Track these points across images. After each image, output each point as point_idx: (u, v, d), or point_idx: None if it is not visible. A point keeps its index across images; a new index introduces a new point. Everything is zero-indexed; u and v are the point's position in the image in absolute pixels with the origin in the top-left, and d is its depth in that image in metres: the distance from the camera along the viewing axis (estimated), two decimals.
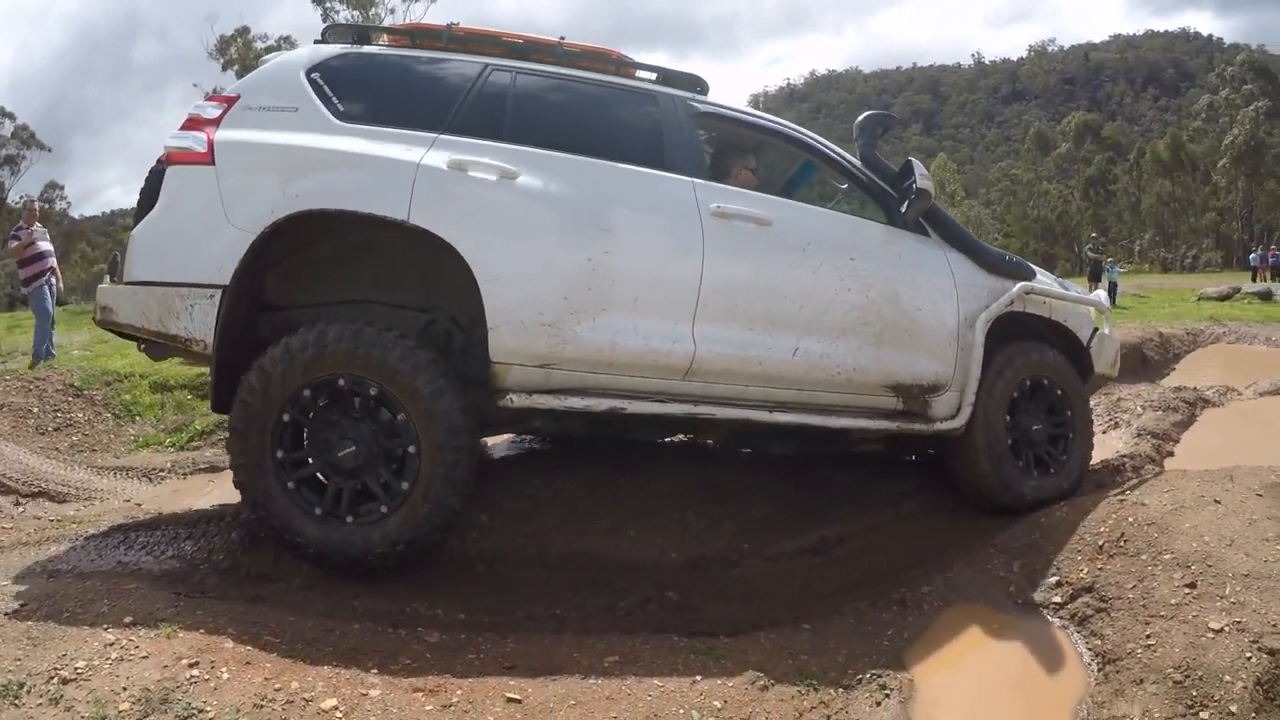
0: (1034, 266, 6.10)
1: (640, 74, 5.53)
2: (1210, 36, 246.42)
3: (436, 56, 5.16)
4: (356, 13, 48.26)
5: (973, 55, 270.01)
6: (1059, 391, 5.91)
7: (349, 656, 3.65)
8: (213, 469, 7.41)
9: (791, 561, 5.40)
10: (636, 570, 5.06)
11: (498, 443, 6.76)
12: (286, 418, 4.47)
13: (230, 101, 4.77)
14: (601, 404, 4.76)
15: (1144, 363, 12.40)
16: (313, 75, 4.86)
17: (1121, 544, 4.53)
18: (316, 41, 5.19)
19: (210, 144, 4.58)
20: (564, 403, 4.72)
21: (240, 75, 49.82)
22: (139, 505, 6.36)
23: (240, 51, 49.33)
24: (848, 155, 5.77)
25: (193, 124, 4.69)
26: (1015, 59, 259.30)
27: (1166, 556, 4.31)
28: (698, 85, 5.55)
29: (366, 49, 5.17)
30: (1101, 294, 7.17)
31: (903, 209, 5.52)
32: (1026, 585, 4.61)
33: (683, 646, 4.03)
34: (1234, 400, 10.31)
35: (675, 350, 4.84)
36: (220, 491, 6.42)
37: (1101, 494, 5.36)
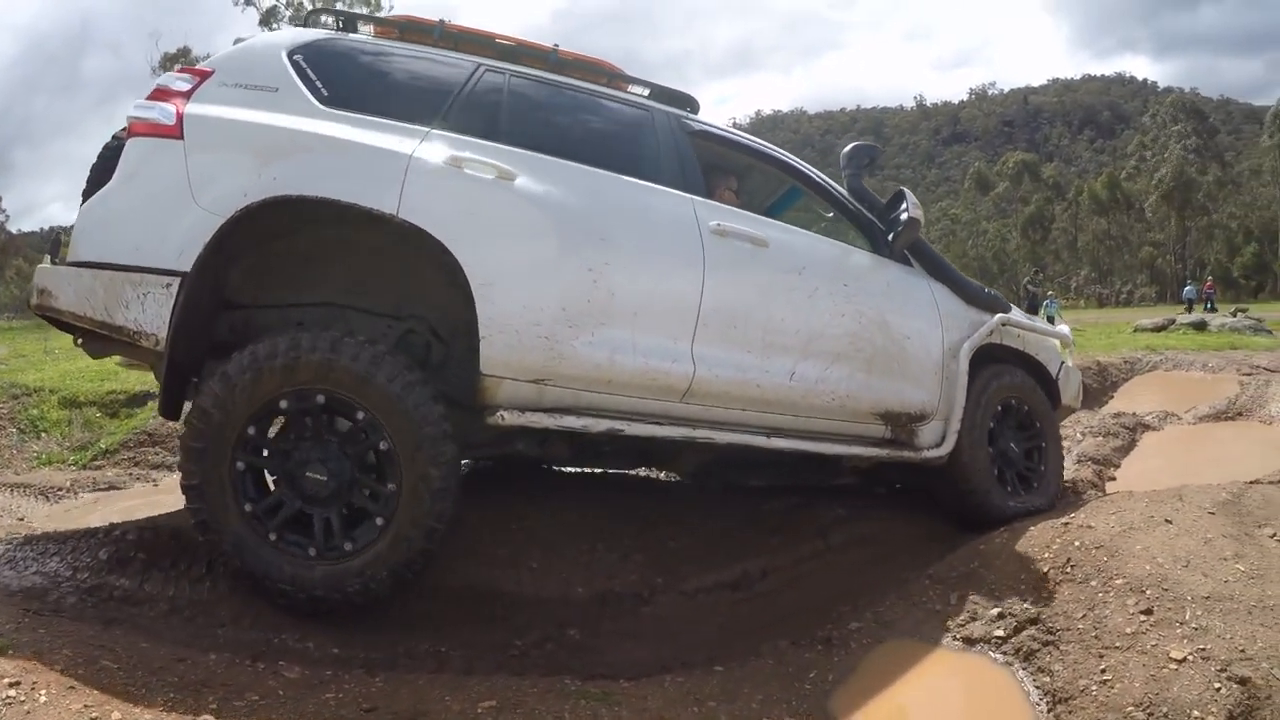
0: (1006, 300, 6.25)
1: (632, 88, 5.40)
2: (1145, 80, 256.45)
3: (426, 52, 4.87)
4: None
5: (915, 98, 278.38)
6: (1035, 420, 6.13)
7: (191, 690, 3.26)
8: (112, 488, 7.11)
9: (710, 597, 5.07)
10: (538, 605, 4.71)
11: None
12: (251, 431, 4.00)
13: (203, 75, 4.33)
14: (600, 424, 4.50)
15: (1083, 391, 12.27)
16: (295, 57, 4.49)
17: (1068, 570, 4.25)
18: (303, 23, 4.96)
19: (179, 116, 4.13)
20: (559, 422, 4.41)
21: None
22: (26, 523, 6.08)
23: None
24: (835, 183, 5.82)
25: (160, 95, 4.25)
26: (957, 102, 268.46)
27: (1118, 581, 4.03)
28: (689, 104, 5.52)
29: (353, 36, 4.87)
30: (1065, 328, 7.33)
31: (891, 238, 5.55)
32: (966, 619, 4.25)
33: (574, 691, 3.64)
34: (1174, 424, 10.35)
35: (674, 370, 4.62)
36: (109, 511, 6.11)
37: (1044, 518, 5.06)
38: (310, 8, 48.92)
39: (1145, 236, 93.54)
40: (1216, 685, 3.29)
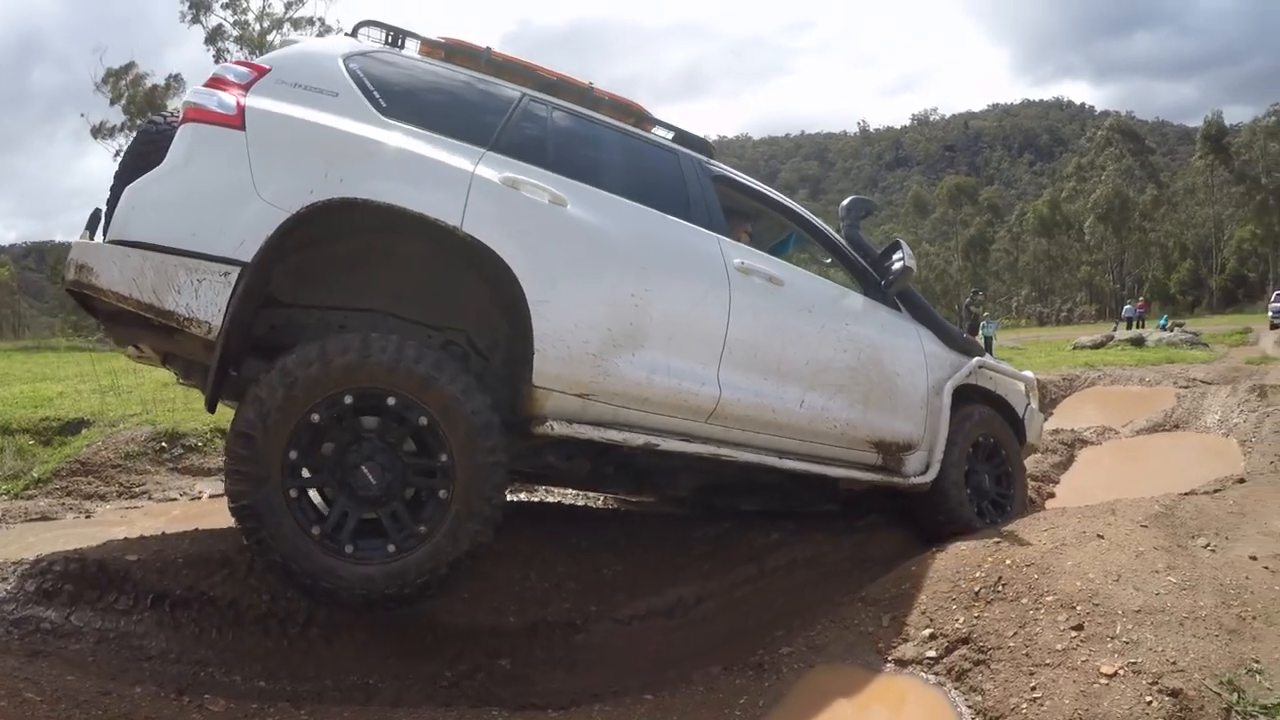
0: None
1: (657, 130, 5.68)
2: (1083, 105, 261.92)
3: (472, 75, 4.98)
4: (251, 55, 48.55)
5: (859, 123, 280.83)
6: (1004, 453, 6.69)
7: None
8: (44, 518, 6.87)
9: (644, 624, 4.98)
10: (469, 635, 4.59)
11: None
12: (316, 418, 3.97)
13: (260, 70, 4.31)
14: (638, 439, 4.72)
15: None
16: (350, 65, 4.53)
17: (999, 588, 4.22)
18: (347, 35, 4.98)
19: (240, 107, 4.09)
20: (604, 434, 4.60)
21: (130, 110, 49.82)
22: None
23: (130, 87, 49.18)
24: (832, 231, 6.28)
25: (217, 84, 4.21)
26: (899, 127, 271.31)
27: (1049, 598, 4.01)
28: (707, 149, 5.80)
29: (403, 53, 4.93)
30: (1029, 374, 7.57)
31: (885, 284, 6.06)
32: (897, 640, 4.19)
33: None
34: (1111, 439, 10.40)
35: (703, 392, 4.90)
36: (39, 542, 5.79)
37: (977, 537, 5.04)
38: (259, 29, 49.05)
39: (1084, 256, 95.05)
40: (1148, 699, 3.25)
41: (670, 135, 5.69)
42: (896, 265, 6.03)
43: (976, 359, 6.48)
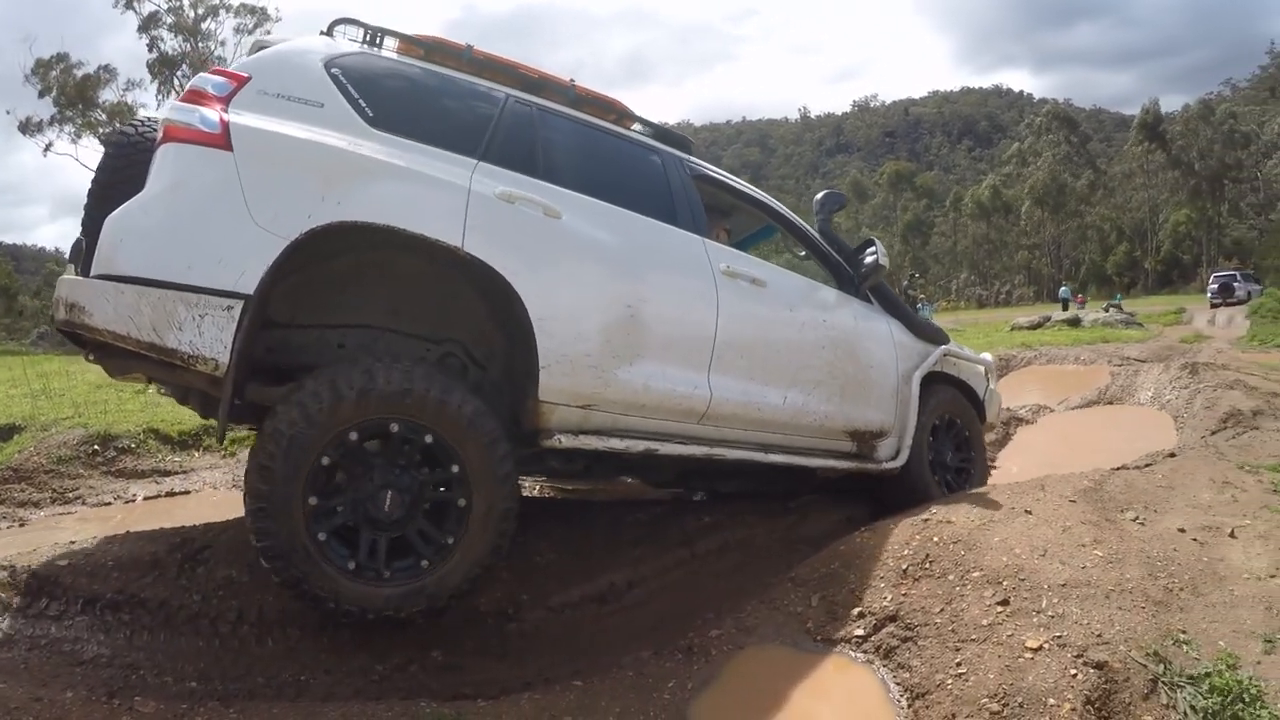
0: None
1: (635, 127, 5.66)
2: (1022, 92, 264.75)
3: (456, 76, 4.83)
4: (186, 43, 47.80)
5: (800, 110, 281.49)
6: (967, 433, 7.01)
7: None
8: None
9: (576, 611, 4.93)
10: (403, 628, 4.43)
11: None
12: (326, 461, 3.89)
13: (239, 80, 4.09)
14: (638, 446, 4.82)
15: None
16: (333, 70, 4.34)
17: (926, 565, 4.24)
18: (323, 33, 4.69)
19: (224, 125, 3.88)
20: (606, 443, 4.69)
21: (60, 103, 48.85)
22: None
23: (61, 77, 48.19)
24: (808, 226, 6.39)
25: (196, 98, 3.98)
26: (840, 113, 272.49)
27: (975, 574, 4.03)
28: (687, 145, 5.83)
29: (384, 53, 4.74)
30: (988, 356, 7.86)
31: (858, 278, 6.24)
32: (826, 619, 4.19)
33: (429, 713, 3.51)
34: (1046, 416, 10.47)
35: (695, 395, 5.00)
36: None
37: (906, 516, 5.03)
38: (193, 16, 48.25)
39: (1022, 240, 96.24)
40: (1073, 672, 3.27)
41: (650, 132, 5.70)
42: (869, 260, 6.22)
43: (942, 348, 6.72)
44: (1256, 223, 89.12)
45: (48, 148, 50.12)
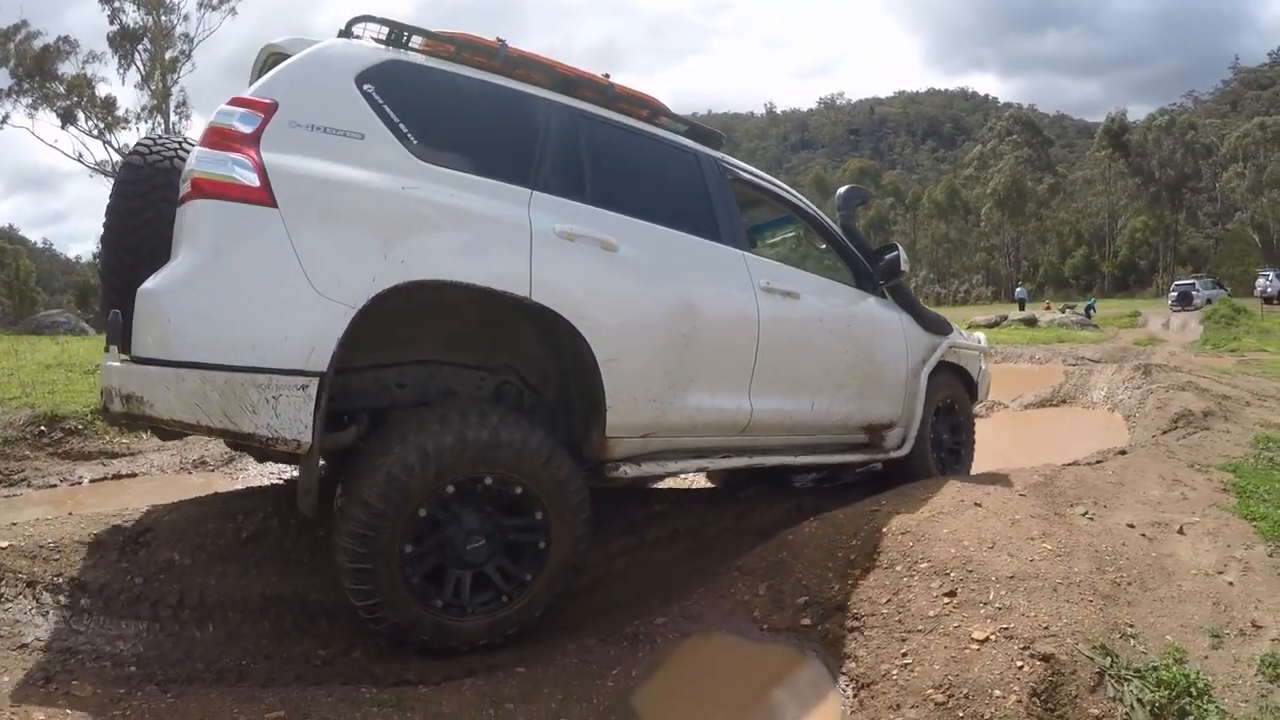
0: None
1: (669, 122, 5.45)
2: (987, 96, 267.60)
3: (491, 81, 4.49)
4: (149, 16, 47.35)
5: (766, 104, 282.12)
6: (961, 414, 7.29)
7: None
8: None
9: None
10: (346, 613, 4.40)
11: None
12: (423, 513, 3.87)
13: (266, 111, 3.71)
14: (693, 465, 5.01)
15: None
16: (366, 88, 3.99)
17: (874, 556, 4.22)
18: (341, 33, 4.32)
19: (263, 175, 3.55)
20: (665, 468, 4.84)
21: (18, 74, 48.31)
22: None
23: (19, 48, 47.77)
24: (833, 224, 6.42)
25: (221, 140, 3.62)
26: (806, 109, 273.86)
27: (923, 565, 4.01)
28: (720, 141, 5.75)
29: (412, 58, 4.31)
30: (981, 336, 8.24)
31: (877, 275, 6.36)
32: (773, 609, 4.15)
33: (369, 698, 3.45)
34: (1000, 413, 10.52)
35: (739, 411, 5.08)
36: None
37: (854, 506, 5.01)
38: None
39: (981, 241, 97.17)
40: (1019, 664, 3.25)
41: (683, 130, 5.49)
42: (890, 259, 6.36)
43: (947, 341, 6.90)
44: (1213, 232, 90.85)
45: (3, 120, 49.56)
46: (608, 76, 5.04)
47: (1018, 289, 63.32)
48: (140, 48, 53.40)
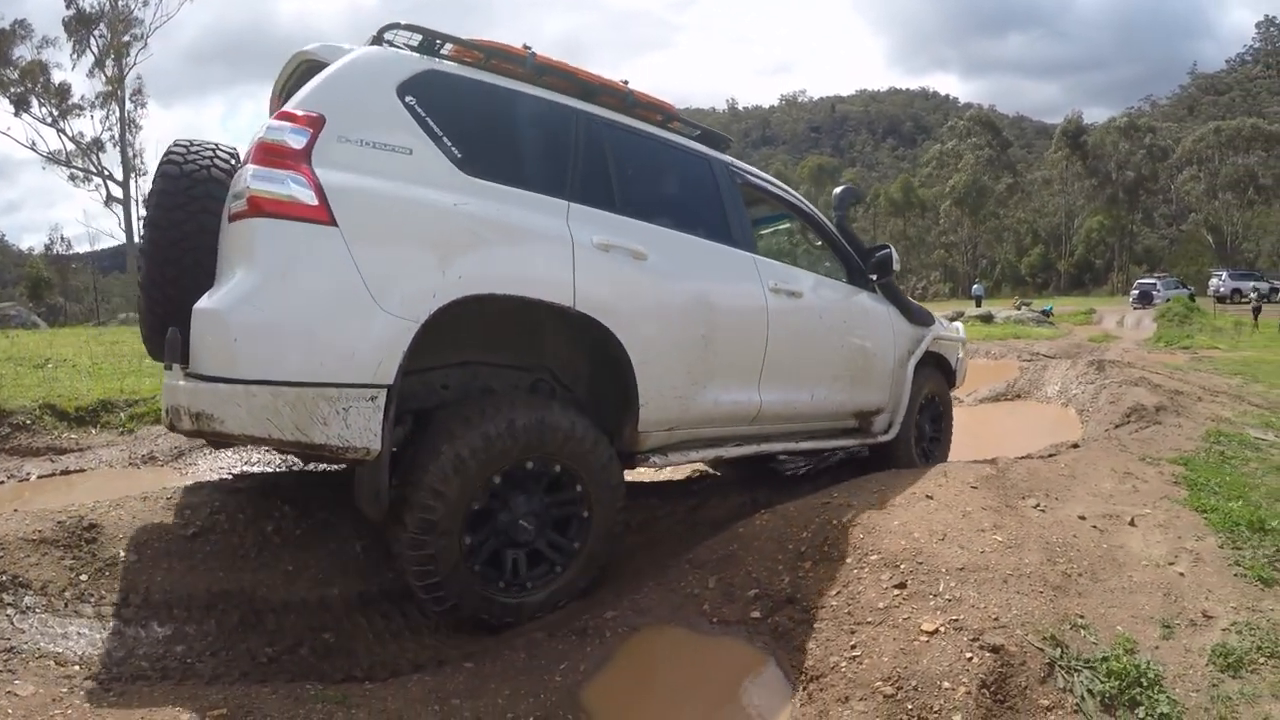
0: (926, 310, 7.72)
1: (682, 127, 5.66)
2: (947, 96, 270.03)
3: (523, 90, 4.64)
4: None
5: (728, 101, 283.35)
6: (941, 403, 7.77)
7: None
8: None
9: None
10: (295, 610, 4.42)
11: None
12: (477, 506, 4.13)
13: (315, 125, 3.76)
14: (711, 453, 5.33)
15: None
16: (407, 100, 4.08)
17: (824, 548, 4.21)
18: (374, 41, 4.37)
19: (320, 194, 3.62)
20: (687, 457, 5.18)
21: None
22: None
23: None
24: (830, 224, 6.78)
25: (275, 155, 3.67)
26: (768, 106, 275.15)
27: (873, 557, 4.00)
28: (727, 144, 6.03)
29: (447, 67, 4.40)
30: (959, 326, 8.70)
31: (868, 270, 6.73)
32: (723, 601, 4.11)
33: (313, 695, 3.40)
34: (955, 408, 10.58)
35: (750, 403, 5.45)
36: None
37: (805, 498, 5.00)
38: None
39: (939, 238, 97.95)
40: (968, 655, 3.23)
41: (695, 134, 5.74)
42: (881, 255, 6.70)
43: (931, 333, 7.38)
44: (1168, 232, 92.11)
45: None
46: (626, 83, 5.21)
47: (974, 286, 65.04)
48: (96, 33, 52.92)
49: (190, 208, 4.29)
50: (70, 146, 55.27)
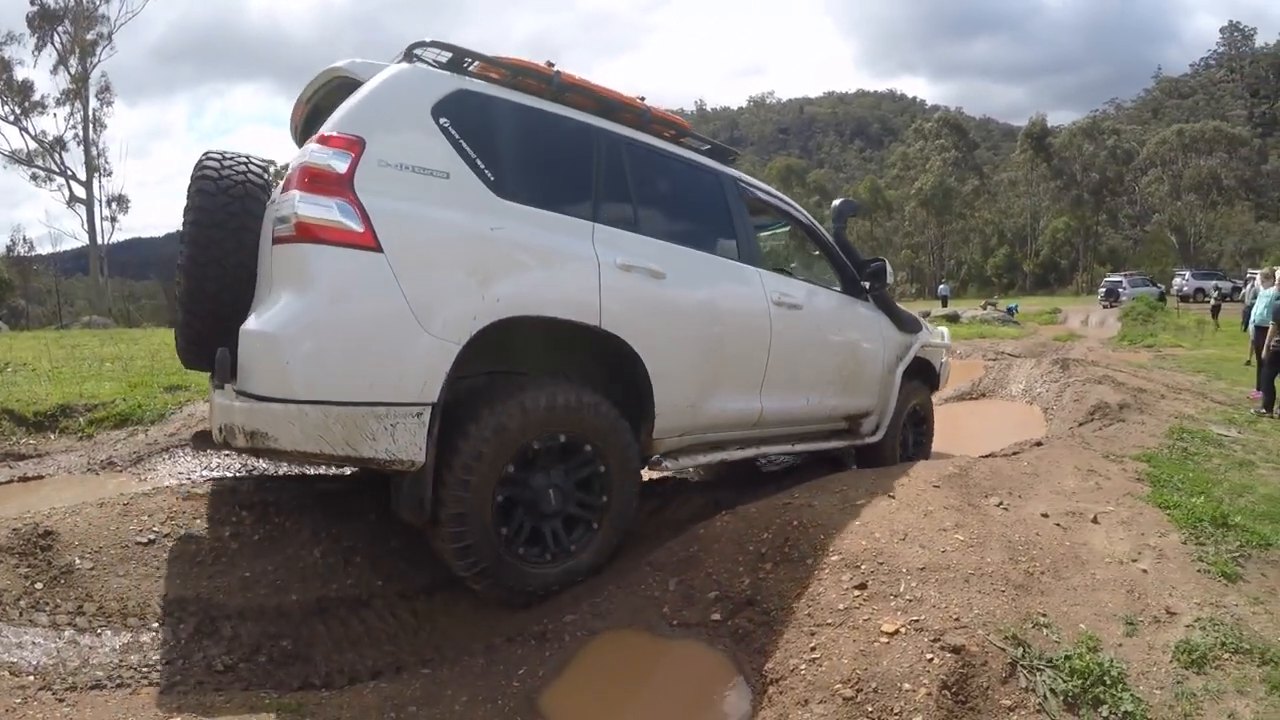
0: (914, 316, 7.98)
1: (691, 142, 5.87)
2: (915, 98, 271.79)
3: (548, 110, 4.78)
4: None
5: (696, 102, 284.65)
6: (921, 409, 8.02)
7: None
8: None
9: (430, 598, 4.78)
10: (252, 616, 4.35)
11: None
12: (511, 469, 4.32)
13: (355, 148, 3.88)
14: (716, 456, 5.61)
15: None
16: (442, 121, 4.21)
17: (785, 549, 4.18)
18: (404, 58, 4.44)
19: (365, 220, 3.76)
20: (695, 461, 5.49)
21: None
22: None
23: None
24: (827, 234, 7.07)
25: (320, 181, 3.79)
26: (736, 108, 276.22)
27: (834, 558, 3.97)
28: (734, 158, 6.31)
29: (476, 86, 4.51)
30: (945, 331, 8.91)
31: (862, 280, 7.04)
32: (683, 604, 4.07)
33: (269, 703, 3.41)
34: None
35: (752, 409, 5.73)
36: None
37: (766, 499, 4.98)
38: None
39: (906, 239, 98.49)
40: (929, 656, 3.21)
41: (704, 149, 5.97)
42: (875, 266, 7.01)
43: (919, 340, 7.69)
44: (1132, 233, 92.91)
45: None
46: (643, 99, 5.42)
47: (941, 286, 65.68)
48: (60, 29, 52.46)
49: (229, 225, 4.32)
50: (33, 145, 54.66)
